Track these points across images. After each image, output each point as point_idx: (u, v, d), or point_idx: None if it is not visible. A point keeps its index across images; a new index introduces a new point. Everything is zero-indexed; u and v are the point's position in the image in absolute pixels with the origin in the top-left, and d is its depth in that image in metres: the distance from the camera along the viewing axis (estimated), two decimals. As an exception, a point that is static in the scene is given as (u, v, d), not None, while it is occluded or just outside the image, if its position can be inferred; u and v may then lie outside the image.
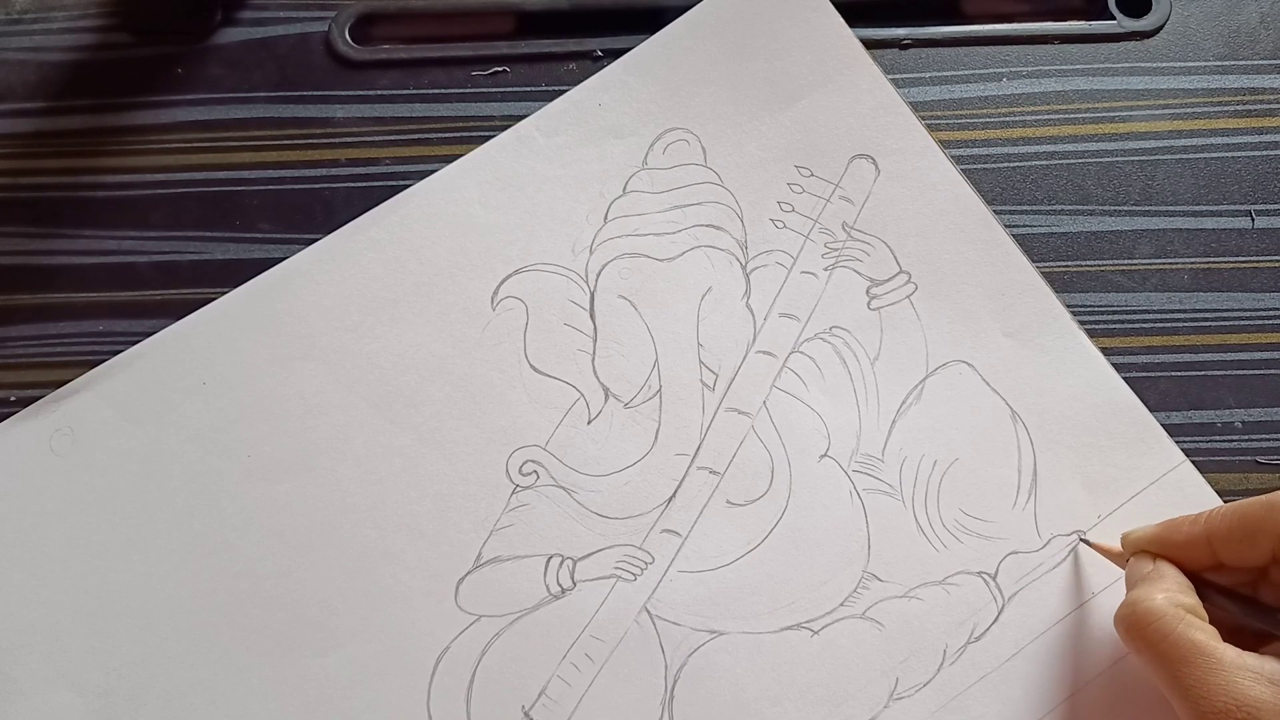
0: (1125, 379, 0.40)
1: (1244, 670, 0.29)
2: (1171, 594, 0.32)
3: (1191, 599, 0.32)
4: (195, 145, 0.44)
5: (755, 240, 0.42)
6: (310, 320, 0.41)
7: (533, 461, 0.39)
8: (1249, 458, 0.40)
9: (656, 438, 0.39)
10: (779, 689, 0.37)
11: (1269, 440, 0.40)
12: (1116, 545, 0.36)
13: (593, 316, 0.41)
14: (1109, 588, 0.37)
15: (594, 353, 0.40)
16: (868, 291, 0.41)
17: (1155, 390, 0.40)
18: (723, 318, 0.41)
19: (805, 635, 0.37)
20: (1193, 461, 0.39)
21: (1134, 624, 0.31)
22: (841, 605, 0.38)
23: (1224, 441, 0.40)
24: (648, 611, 0.38)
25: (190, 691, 0.37)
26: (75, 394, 0.40)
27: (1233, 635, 0.32)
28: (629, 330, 0.41)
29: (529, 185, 0.42)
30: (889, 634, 0.37)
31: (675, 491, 0.39)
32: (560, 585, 0.38)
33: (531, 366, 0.40)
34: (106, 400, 0.40)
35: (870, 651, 0.37)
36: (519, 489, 0.39)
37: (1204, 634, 0.30)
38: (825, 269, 0.41)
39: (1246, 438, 0.40)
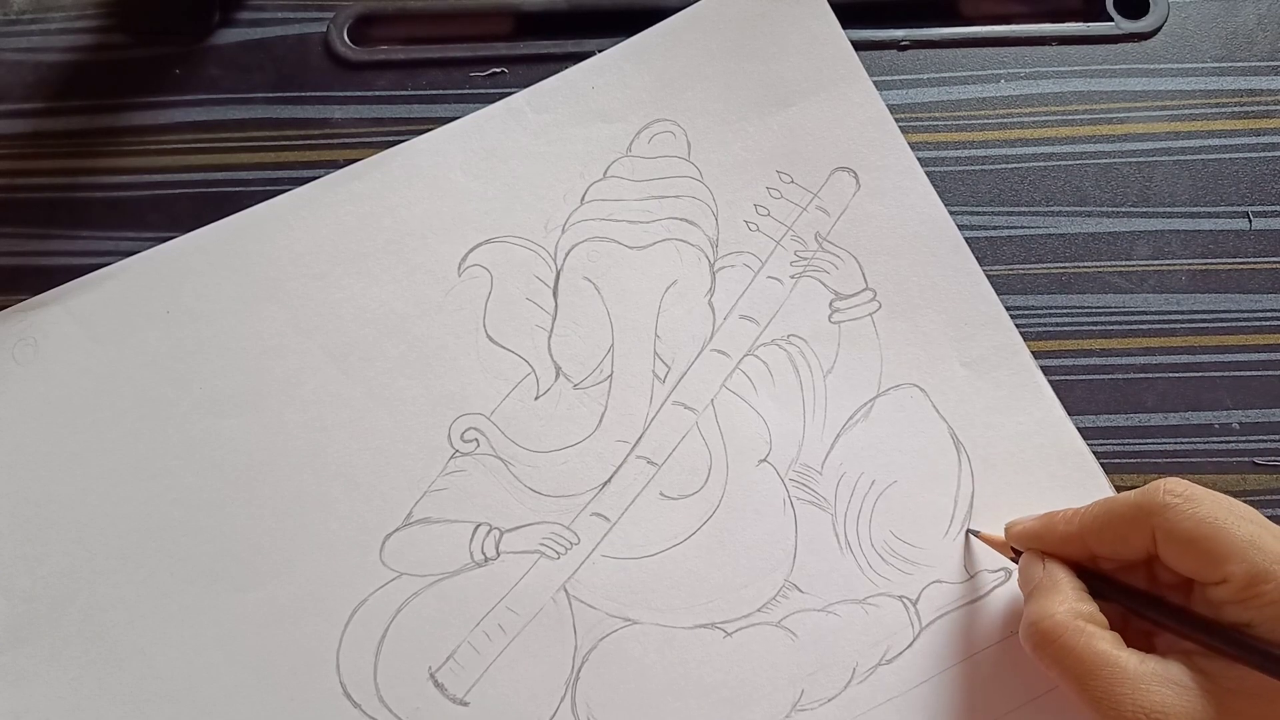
0: (1123, 379, 0.40)
1: (1148, 676, 0.30)
2: (1070, 605, 0.32)
3: (1089, 605, 0.32)
4: (193, 146, 0.44)
5: (726, 239, 0.42)
6: (280, 263, 0.41)
7: (475, 429, 0.40)
8: (1246, 459, 0.39)
9: (600, 422, 0.40)
10: (684, 684, 0.37)
11: (1266, 441, 0.40)
12: (1000, 535, 0.37)
13: (555, 294, 0.41)
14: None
15: (551, 330, 0.41)
16: (831, 304, 0.41)
17: (1153, 391, 0.40)
18: (683, 312, 0.41)
19: (718, 635, 0.37)
20: (1190, 463, 0.39)
21: (1039, 640, 0.32)
22: (759, 610, 0.38)
23: (1221, 443, 0.40)
24: (566, 591, 0.38)
25: (111, 608, 0.38)
26: (43, 306, 0.41)
27: (1128, 622, 0.33)
28: (589, 312, 0.41)
29: (512, 158, 0.43)
30: (801, 645, 0.37)
31: (611, 477, 0.39)
32: (484, 554, 0.38)
33: (488, 336, 0.41)
34: (73, 315, 0.41)
35: (780, 659, 0.37)
36: (458, 454, 0.39)
37: (1106, 643, 0.31)
38: (792, 276, 0.41)
39: (1244, 439, 0.40)
